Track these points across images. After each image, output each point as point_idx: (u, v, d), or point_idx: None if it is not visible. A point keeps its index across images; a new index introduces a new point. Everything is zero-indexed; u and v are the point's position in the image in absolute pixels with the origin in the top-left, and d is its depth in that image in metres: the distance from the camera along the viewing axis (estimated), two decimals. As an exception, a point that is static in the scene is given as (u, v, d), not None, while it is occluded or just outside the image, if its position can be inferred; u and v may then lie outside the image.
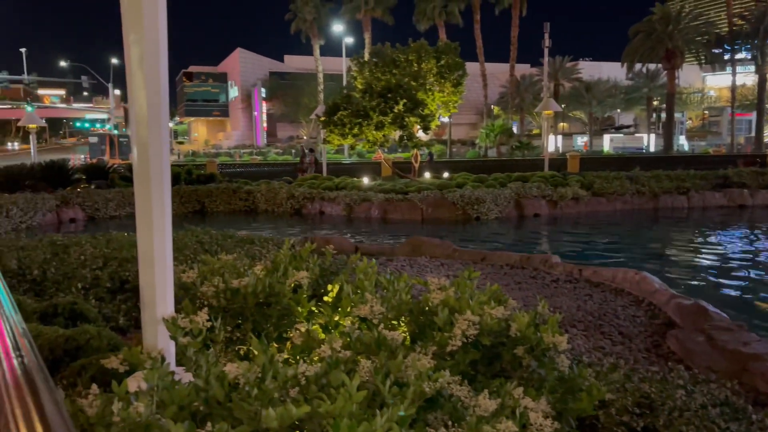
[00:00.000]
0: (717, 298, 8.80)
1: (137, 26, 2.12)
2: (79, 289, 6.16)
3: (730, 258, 11.94)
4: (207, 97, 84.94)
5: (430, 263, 9.14)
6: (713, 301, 8.62)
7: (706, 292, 9.11)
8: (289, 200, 19.26)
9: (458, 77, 21.81)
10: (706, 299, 8.16)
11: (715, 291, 9.26)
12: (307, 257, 3.43)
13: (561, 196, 17.85)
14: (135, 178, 2.23)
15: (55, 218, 17.23)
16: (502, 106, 64.07)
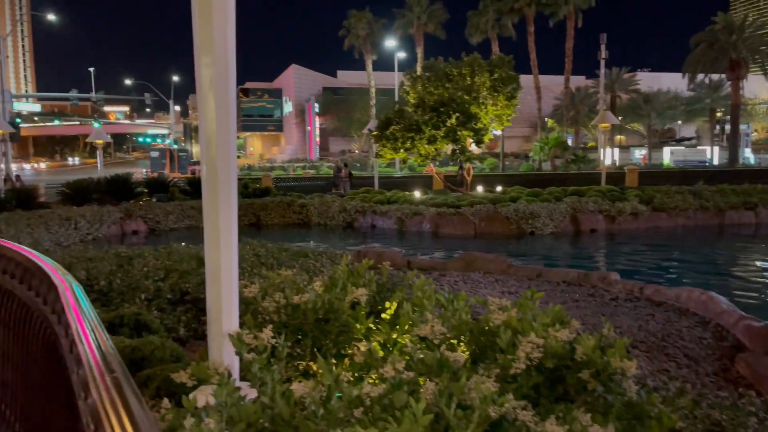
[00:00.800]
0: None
1: (209, 51, 2.19)
2: (142, 300, 6.38)
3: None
4: (262, 113, 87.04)
5: (484, 279, 9.02)
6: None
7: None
8: (342, 214, 19.45)
9: (512, 90, 21.59)
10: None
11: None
12: (364, 273, 3.44)
13: (619, 211, 17.34)
14: (204, 197, 2.30)
15: (119, 230, 17.93)
16: (556, 118, 63.03)
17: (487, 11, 53.75)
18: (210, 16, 2.20)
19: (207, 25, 2.21)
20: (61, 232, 15.41)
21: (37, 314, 1.93)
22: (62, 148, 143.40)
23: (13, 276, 2.29)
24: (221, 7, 2.21)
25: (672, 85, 64.22)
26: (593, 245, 15.70)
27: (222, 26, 2.22)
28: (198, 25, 2.23)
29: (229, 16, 2.25)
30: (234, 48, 2.30)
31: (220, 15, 2.22)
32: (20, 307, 2.16)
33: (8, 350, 2.30)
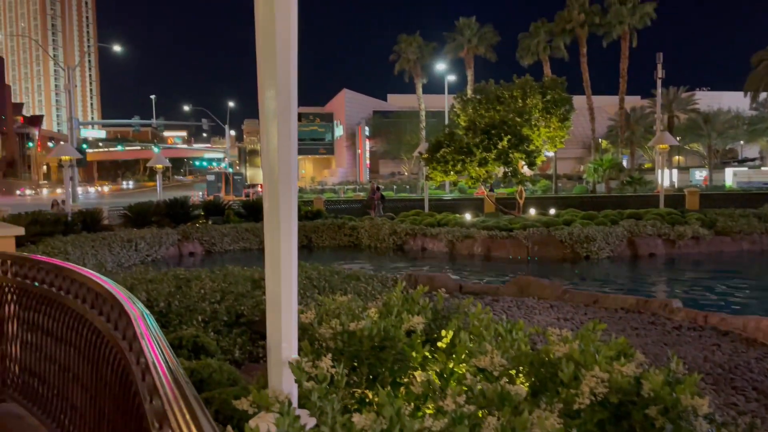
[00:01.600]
0: None
1: (272, 81, 2.27)
2: (199, 322, 6.53)
3: None
4: (314, 136, 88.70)
5: (539, 305, 8.83)
6: None
7: None
8: (392, 236, 19.48)
9: (565, 112, 21.30)
10: None
11: None
12: (419, 300, 3.43)
13: (679, 235, 16.72)
14: (266, 227, 2.35)
15: (177, 251, 18.48)
16: (610, 139, 61.68)
17: (539, 33, 53.41)
18: (273, 48, 2.27)
19: (270, 57, 2.28)
20: (123, 253, 16.01)
21: (107, 339, 2.01)
22: (124, 172, 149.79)
23: (84, 301, 2.38)
24: (285, 39, 2.29)
25: (733, 104, 61.85)
26: (652, 270, 15.17)
27: (285, 58, 2.30)
28: (262, 57, 2.32)
29: (292, 48, 2.33)
30: (296, 78, 2.37)
31: (285, 52, 2.29)
32: (91, 331, 2.24)
33: (79, 373, 2.39)
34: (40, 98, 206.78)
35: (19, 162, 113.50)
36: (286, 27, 2.28)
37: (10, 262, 3.53)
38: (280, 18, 2.26)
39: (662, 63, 44.61)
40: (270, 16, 2.25)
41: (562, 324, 7.65)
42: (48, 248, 13.30)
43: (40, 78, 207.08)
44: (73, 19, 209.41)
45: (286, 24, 2.28)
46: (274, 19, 2.24)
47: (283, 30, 2.27)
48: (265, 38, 2.27)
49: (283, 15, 2.27)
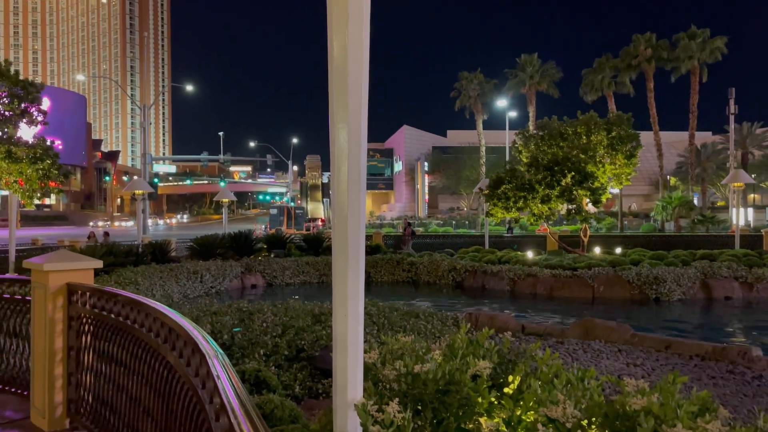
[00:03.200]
0: None
1: (344, 121, 2.32)
2: (261, 356, 6.60)
3: None
4: (374, 171, 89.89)
5: (606, 349, 8.46)
6: None
7: None
8: (451, 273, 19.28)
9: (631, 149, 20.77)
10: None
11: None
12: (484, 342, 3.34)
13: (758, 278, 15.78)
14: (334, 263, 2.37)
15: (240, 284, 18.89)
16: (680, 176, 59.55)
17: (603, 69, 52.64)
18: (345, 89, 2.34)
19: (342, 97, 2.35)
20: (189, 284, 16.49)
21: (180, 375, 2.04)
22: (191, 206, 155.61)
23: (158, 335, 2.44)
24: (356, 81, 2.35)
25: (814, 139, 58.69)
26: (728, 315, 14.33)
27: (356, 99, 2.36)
28: (334, 97, 2.39)
29: (363, 90, 2.39)
30: (366, 118, 2.42)
31: (356, 93, 2.35)
32: (163, 366, 2.29)
33: (149, 406, 2.45)
34: (117, 135, 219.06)
35: (96, 195, 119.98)
36: (358, 69, 2.34)
37: (89, 294, 3.69)
38: (352, 60, 2.32)
39: (734, 98, 43.01)
40: (343, 58, 2.31)
41: (632, 370, 7.29)
42: (120, 278, 13.86)
43: (118, 116, 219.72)
44: (150, 60, 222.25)
45: (359, 66, 2.34)
46: (347, 61, 2.31)
47: (355, 72, 2.34)
48: (338, 80, 2.34)
49: (355, 57, 2.33)
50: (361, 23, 2.28)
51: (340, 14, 2.26)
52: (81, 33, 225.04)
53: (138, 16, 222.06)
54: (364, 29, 2.31)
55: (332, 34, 2.30)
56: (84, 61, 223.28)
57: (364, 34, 2.31)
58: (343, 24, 2.26)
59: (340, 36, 2.29)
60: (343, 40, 2.28)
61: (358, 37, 2.29)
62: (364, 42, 2.32)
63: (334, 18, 2.28)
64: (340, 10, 2.26)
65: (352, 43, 2.28)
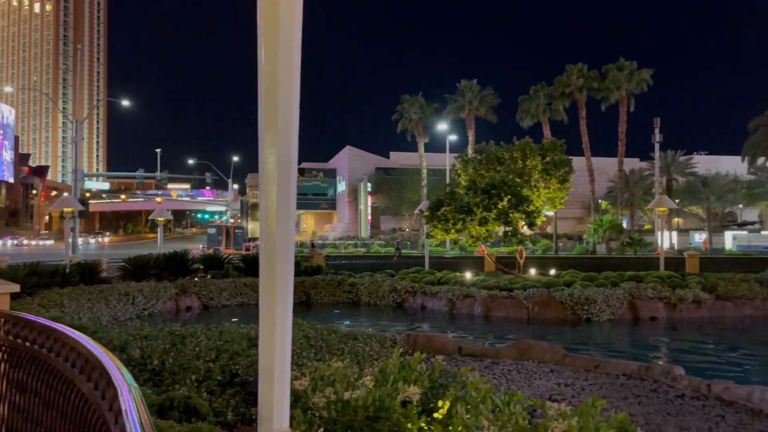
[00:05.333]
0: None
1: (273, 144, 2.30)
2: (192, 382, 6.39)
3: None
4: (317, 191, 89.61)
5: (539, 369, 8.65)
6: None
7: None
8: (391, 294, 19.34)
9: (564, 174, 21.57)
10: None
11: None
12: (416, 367, 3.37)
13: (680, 298, 16.59)
14: (261, 292, 2.33)
15: (174, 306, 18.29)
16: (610, 200, 62.14)
17: (538, 96, 54.67)
18: (276, 113, 2.32)
19: (273, 121, 2.32)
20: (120, 307, 15.85)
21: (95, 408, 1.96)
22: (126, 224, 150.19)
23: (74, 365, 2.34)
24: (287, 103, 2.33)
25: (731, 168, 62.69)
26: (653, 335, 14.96)
27: (287, 122, 2.33)
28: (264, 120, 2.35)
29: (294, 113, 2.37)
30: (296, 142, 2.40)
31: (287, 116, 2.33)
32: (78, 397, 2.20)
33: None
34: (47, 149, 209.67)
35: (22, 212, 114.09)
36: (288, 94, 2.31)
37: (3, 320, 3.50)
38: (283, 84, 2.29)
39: (660, 127, 45.49)
40: (273, 82, 2.29)
41: (563, 390, 7.48)
42: (44, 301, 13.18)
43: (48, 130, 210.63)
44: (84, 73, 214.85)
45: (289, 90, 2.31)
46: (277, 85, 2.28)
47: (286, 95, 2.31)
48: (268, 103, 2.31)
49: (286, 81, 2.30)
50: (291, 49, 2.28)
51: (271, 39, 2.25)
52: (11, 43, 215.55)
53: (72, 27, 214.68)
54: (295, 55, 2.30)
55: (262, 59, 2.29)
56: (13, 72, 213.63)
57: (294, 60, 2.30)
58: (273, 49, 2.26)
59: (270, 61, 2.28)
60: (273, 66, 2.27)
61: (288, 63, 2.28)
62: (294, 67, 2.31)
63: (265, 42, 2.27)
64: (271, 35, 2.25)
65: (282, 68, 2.27)
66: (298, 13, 2.30)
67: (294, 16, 2.28)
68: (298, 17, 2.31)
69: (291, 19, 2.28)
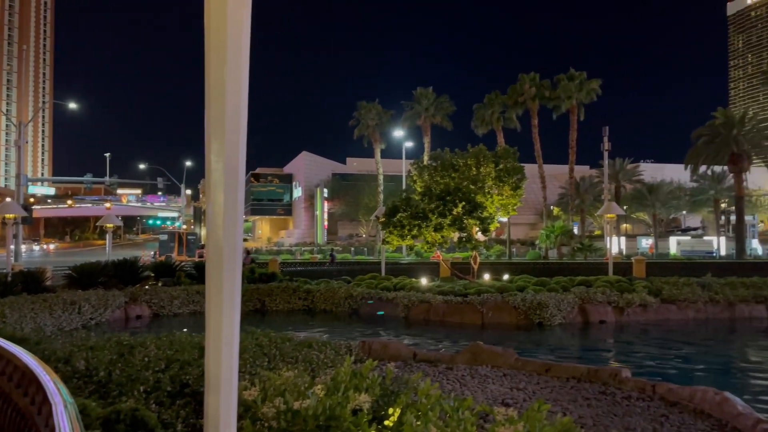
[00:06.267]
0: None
1: (220, 148, 2.26)
2: (140, 393, 6.21)
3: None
4: (272, 197, 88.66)
5: (492, 373, 8.78)
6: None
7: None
8: (347, 300, 19.30)
9: (517, 181, 21.99)
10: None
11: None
12: (368, 375, 3.37)
13: (628, 302, 17.11)
14: (207, 302, 2.29)
15: (123, 314, 17.78)
16: (561, 207, 63.63)
17: (492, 104, 55.60)
18: (223, 114, 2.27)
19: (219, 123, 2.28)
20: (65, 316, 15.30)
21: (31, 424, 1.89)
22: (73, 230, 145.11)
23: (10, 379, 2.25)
24: (235, 105, 2.29)
25: (675, 176, 65.16)
26: (602, 338, 15.38)
27: (235, 125, 2.29)
28: (210, 122, 2.30)
29: (242, 115, 2.33)
30: (245, 139, 2.36)
31: (234, 118, 2.30)
32: (15, 412, 2.12)
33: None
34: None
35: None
36: (236, 97, 2.28)
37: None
38: (231, 85, 2.25)
39: (608, 136, 46.87)
40: (221, 84, 2.24)
41: (515, 394, 7.60)
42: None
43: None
44: (30, 75, 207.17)
45: (237, 93, 2.28)
46: (225, 88, 2.24)
47: (234, 101, 2.27)
48: (215, 112, 2.26)
49: (234, 82, 2.26)
50: (239, 54, 2.25)
51: (218, 44, 2.21)
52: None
53: (18, 27, 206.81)
54: (243, 60, 2.27)
55: (210, 65, 2.25)
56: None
57: (242, 66, 2.27)
58: (221, 54, 2.22)
59: (217, 66, 2.24)
60: (220, 71, 2.23)
61: (236, 68, 2.25)
62: (243, 73, 2.28)
63: (212, 47, 2.23)
64: (218, 39, 2.22)
65: (230, 73, 2.24)
66: (246, 18, 2.28)
67: (242, 21, 2.25)
68: (247, 21, 2.28)
69: (239, 24, 2.25)
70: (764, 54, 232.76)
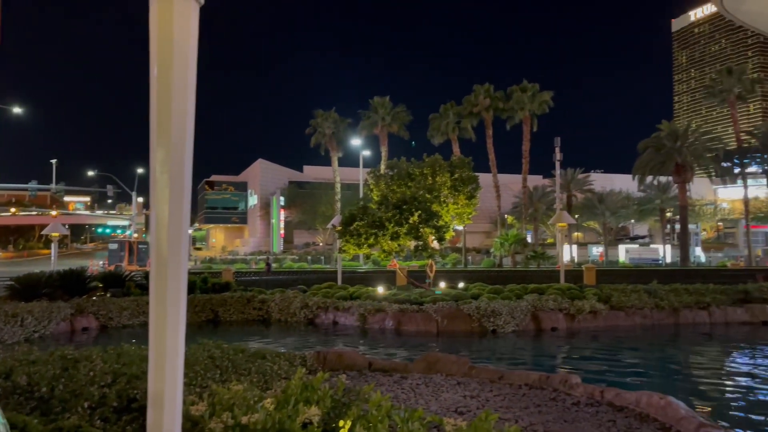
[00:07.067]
0: (748, 424, 8.35)
1: (165, 147, 2.21)
2: (85, 409, 6.00)
3: (760, 379, 11.43)
4: (227, 205, 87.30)
5: (446, 382, 8.83)
6: (744, 427, 8.16)
7: (735, 417, 8.65)
8: (303, 310, 19.13)
9: (472, 190, 22.29)
10: (737, 425, 7.76)
11: (745, 416, 8.78)
12: (319, 387, 3.34)
13: (578, 309, 17.53)
14: (151, 314, 2.23)
15: (69, 327, 17.16)
16: (515, 215, 64.82)
17: (448, 115, 56.36)
18: (169, 117, 2.22)
19: (165, 118, 2.22)
20: (6, 329, 14.68)
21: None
22: (16, 239, 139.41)
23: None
24: (181, 110, 2.24)
25: (624, 185, 67.38)
26: (554, 345, 15.69)
27: (180, 131, 2.24)
28: (155, 125, 2.24)
29: (189, 120, 2.28)
30: (192, 136, 2.31)
31: (180, 123, 2.25)
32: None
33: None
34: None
35: None
36: (183, 104, 2.22)
37: None
38: (177, 92, 2.20)
39: (560, 146, 48.16)
40: (167, 91, 2.19)
41: (468, 402, 7.67)
42: None
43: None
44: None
45: (183, 101, 2.22)
46: (171, 95, 2.19)
47: (180, 109, 2.22)
48: (160, 120, 2.20)
49: (180, 89, 2.21)
50: (186, 61, 2.21)
51: (164, 50, 2.17)
52: None
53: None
54: (190, 67, 2.22)
55: (155, 72, 2.20)
56: None
57: (189, 72, 2.22)
58: (167, 60, 2.17)
59: (163, 73, 2.19)
60: (167, 79, 2.19)
61: (182, 75, 2.21)
62: (190, 80, 2.23)
63: (158, 53, 2.18)
64: (164, 45, 2.17)
65: (176, 80, 2.20)
66: (194, 22, 2.24)
67: (189, 25, 2.21)
68: (194, 26, 2.25)
69: (186, 29, 2.21)
70: (707, 69, 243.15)
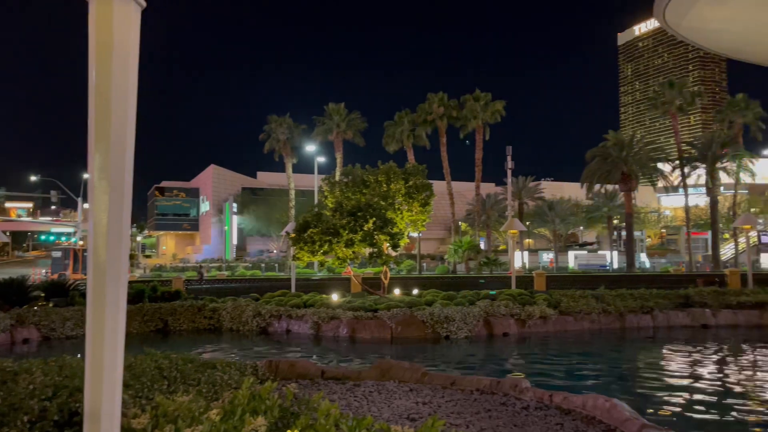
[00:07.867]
0: (690, 424, 8.67)
1: (103, 153, 2.15)
2: (24, 423, 5.76)
3: (700, 380, 11.89)
4: (178, 211, 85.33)
5: (399, 389, 8.86)
6: (686, 427, 8.48)
7: (677, 417, 8.97)
8: (255, 318, 18.86)
9: (426, 198, 22.47)
10: (678, 426, 8.05)
11: (686, 417, 9.12)
12: (267, 397, 3.31)
13: (529, 314, 17.87)
14: (88, 323, 2.17)
15: (9, 338, 16.45)
16: (469, 222, 65.63)
17: (402, 122, 56.73)
18: (108, 112, 2.16)
19: (104, 123, 2.16)
20: (-62, 342, 13.93)
21: None
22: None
23: None
24: (121, 102, 2.18)
25: (573, 193, 69.21)
26: (505, 350, 15.94)
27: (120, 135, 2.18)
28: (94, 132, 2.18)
29: (129, 126, 2.23)
30: (132, 142, 2.25)
31: (120, 129, 2.20)
32: None
33: None
34: None
35: None
36: (123, 111, 2.17)
37: None
38: (117, 99, 2.14)
39: (512, 155, 49.12)
40: (106, 98, 2.14)
41: (420, 408, 7.71)
42: None
43: None
44: None
45: (124, 107, 2.17)
46: (110, 102, 2.13)
47: (121, 116, 2.16)
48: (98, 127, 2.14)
49: (120, 96, 2.16)
50: (127, 66, 2.16)
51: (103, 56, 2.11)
52: None
53: None
54: (131, 73, 2.17)
55: (93, 78, 2.14)
56: None
57: (130, 78, 2.17)
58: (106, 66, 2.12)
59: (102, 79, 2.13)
60: (106, 85, 2.14)
61: (123, 82, 2.16)
62: (131, 86, 2.18)
63: (96, 60, 2.12)
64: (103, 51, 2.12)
65: (116, 87, 2.14)
66: (134, 26, 2.19)
67: (130, 29, 2.17)
68: (135, 30, 2.19)
69: (127, 33, 2.16)
70: (650, 81, 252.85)
